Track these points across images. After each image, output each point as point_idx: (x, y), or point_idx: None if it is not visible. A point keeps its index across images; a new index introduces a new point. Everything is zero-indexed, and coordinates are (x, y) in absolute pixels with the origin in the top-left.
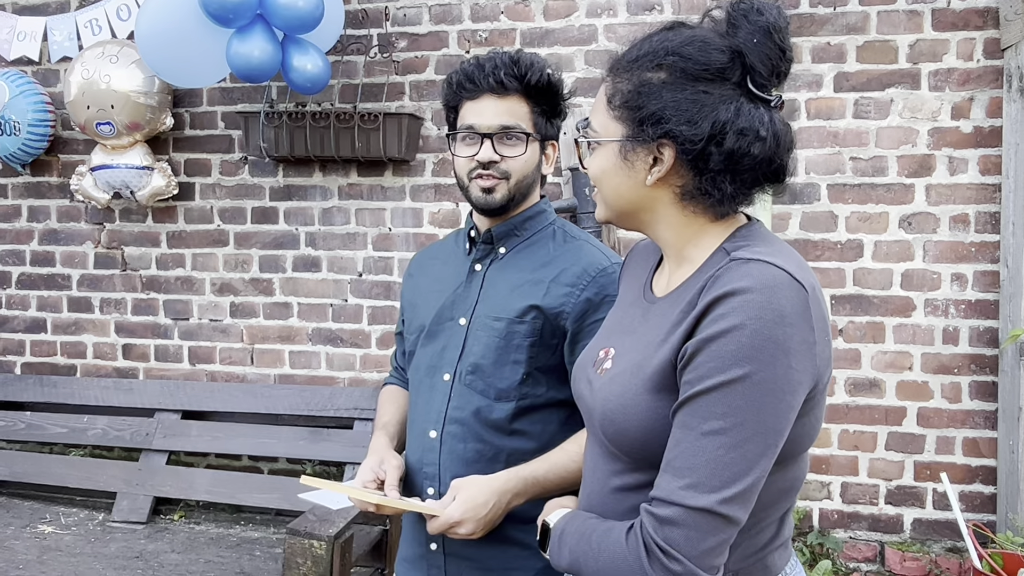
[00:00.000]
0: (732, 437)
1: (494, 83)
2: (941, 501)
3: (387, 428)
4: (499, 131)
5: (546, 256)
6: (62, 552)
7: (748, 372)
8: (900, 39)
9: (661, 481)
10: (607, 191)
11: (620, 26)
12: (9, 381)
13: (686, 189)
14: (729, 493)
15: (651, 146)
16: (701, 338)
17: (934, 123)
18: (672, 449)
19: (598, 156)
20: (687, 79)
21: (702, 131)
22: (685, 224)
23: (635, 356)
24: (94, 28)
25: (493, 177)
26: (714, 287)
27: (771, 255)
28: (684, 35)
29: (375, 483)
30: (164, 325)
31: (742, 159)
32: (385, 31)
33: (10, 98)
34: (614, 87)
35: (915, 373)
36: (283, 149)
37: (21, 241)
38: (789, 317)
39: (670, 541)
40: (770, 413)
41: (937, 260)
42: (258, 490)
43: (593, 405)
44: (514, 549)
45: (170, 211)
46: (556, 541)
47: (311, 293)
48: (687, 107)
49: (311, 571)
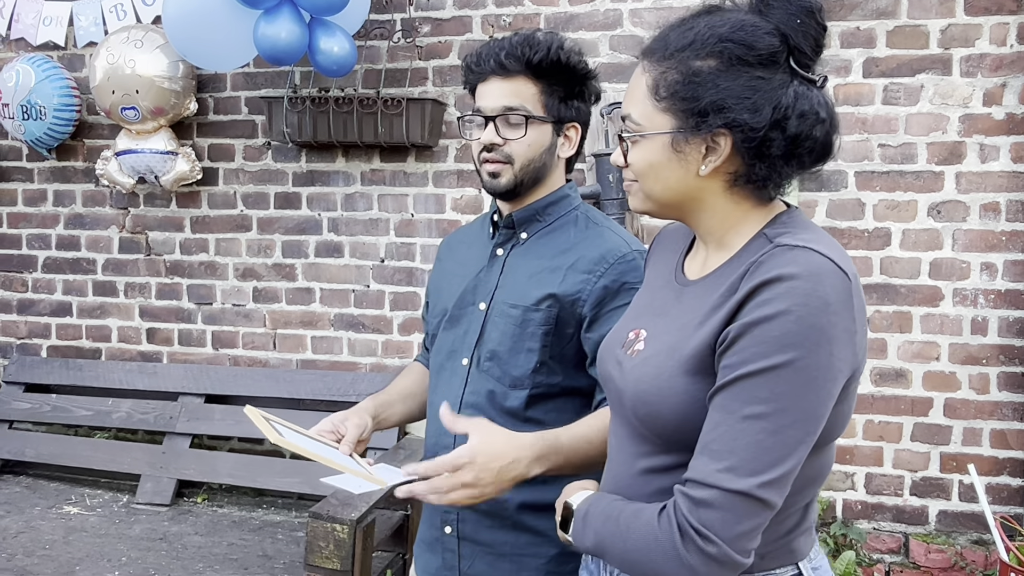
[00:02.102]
0: (773, 422)
1: (495, 65)
2: (967, 493)
3: (380, 395)
4: (501, 112)
5: (566, 242)
6: (87, 533)
7: (792, 358)
8: (931, 24)
9: (697, 463)
10: (653, 184)
11: (646, 11)
12: (35, 364)
13: (737, 176)
14: (768, 477)
15: (706, 136)
16: (745, 322)
17: (965, 109)
18: (710, 432)
19: (643, 149)
20: (742, 65)
21: (764, 118)
22: (730, 211)
23: (670, 338)
24: (119, 13)
25: (498, 161)
26: (758, 272)
27: (815, 242)
28: (731, 20)
29: (332, 435)
30: (188, 309)
31: (804, 142)
32: (408, 16)
33: (36, 83)
34: (657, 77)
35: (942, 363)
36: (306, 134)
37: (47, 225)
38: (833, 305)
39: (705, 523)
40: (811, 400)
41: (967, 249)
42: (280, 474)
43: (624, 386)
44: (527, 535)
45: (194, 196)
46: (580, 522)
47: (333, 279)
48: (747, 94)
49: (333, 555)
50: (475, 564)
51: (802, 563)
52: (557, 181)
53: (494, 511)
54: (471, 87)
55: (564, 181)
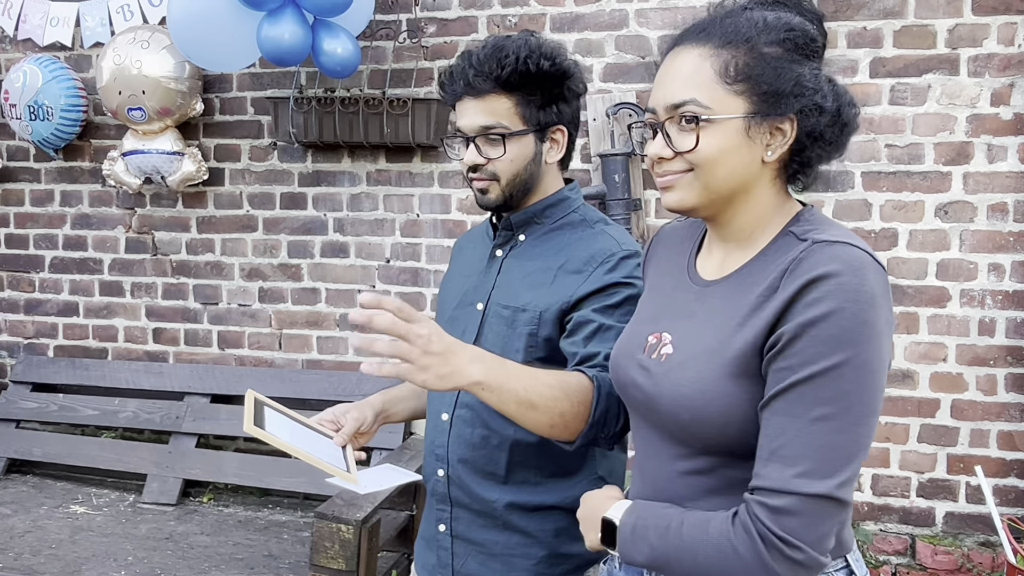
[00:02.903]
0: (842, 421)
1: (464, 86)
2: (974, 495)
3: (391, 390)
4: (480, 132)
5: (560, 244)
6: (93, 532)
7: (851, 356)
8: (939, 23)
9: (769, 471)
10: (719, 171)
11: (651, 11)
12: (42, 364)
13: (784, 164)
14: (844, 477)
15: (775, 121)
16: (798, 323)
17: (973, 110)
18: (776, 437)
19: (714, 135)
20: (802, 55)
21: (832, 105)
22: (768, 204)
23: (704, 341)
24: (126, 14)
25: (484, 179)
26: (800, 270)
27: (850, 238)
28: (784, 13)
29: (332, 425)
30: (194, 309)
31: (851, 131)
32: (414, 16)
33: (43, 83)
34: (727, 60)
35: (949, 365)
36: (312, 135)
37: (54, 225)
38: (878, 299)
39: (789, 530)
40: (871, 394)
41: (974, 250)
42: (286, 474)
43: (657, 391)
44: (517, 536)
45: (200, 196)
46: (628, 536)
47: (339, 279)
48: (816, 81)
49: (338, 554)
50: (467, 563)
51: (849, 556)
52: (552, 184)
53: (485, 511)
54: (451, 103)
55: (561, 183)
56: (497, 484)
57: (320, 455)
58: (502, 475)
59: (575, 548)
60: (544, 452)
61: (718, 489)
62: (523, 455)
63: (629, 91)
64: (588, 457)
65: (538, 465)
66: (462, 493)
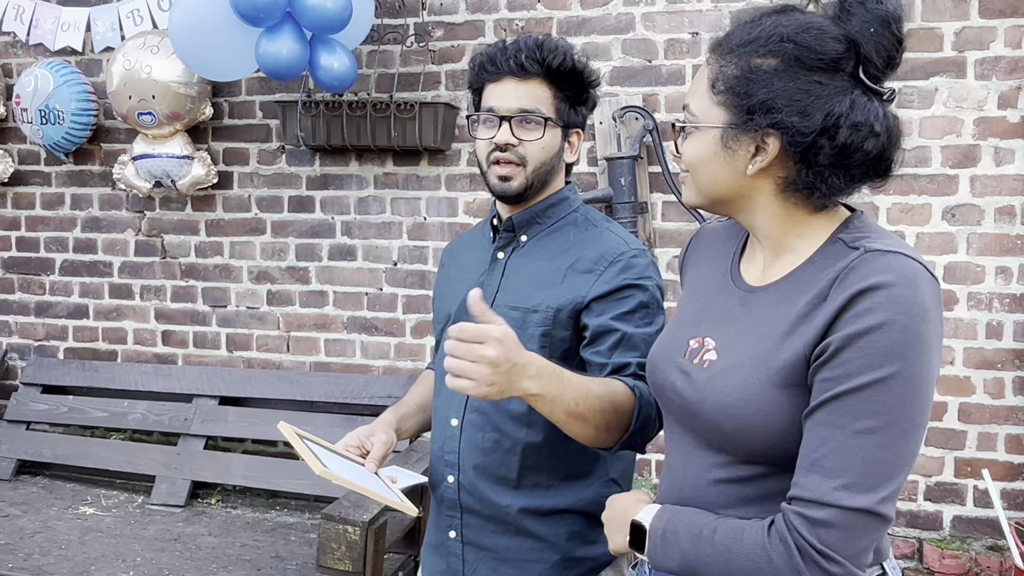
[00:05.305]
0: (886, 435)
1: (514, 66)
2: (982, 498)
3: (400, 407)
4: (518, 114)
5: (566, 244)
6: (102, 533)
7: (899, 369)
8: (945, 26)
9: (809, 481)
10: (703, 177)
11: (658, 14)
12: (52, 366)
13: (788, 180)
14: (886, 492)
15: (755, 135)
16: (847, 333)
17: (980, 112)
18: (818, 448)
19: (695, 141)
20: (801, 68)
21: (814, 123)
22: (785, 215)
23: (749, 348)
24: (136, 19)
25: (511, 163)
26: (851, 279)
27: (904, 247)
28: (799, 21)
29: (358, 450)
30: (202, 312)
31: (854, 154)
32: (421, 20)
33: (54, 88)
34: (718, 70)
35: (956, 368)
36: (320, 138)
37: (64, 228)
38: (930, 312)
39: (827, 543)
40: (918, 409)
41: (981, 253)
42: (293, 476)
43: (699, 398)
44: (530, 541)
45: (209, 200)
46: (658, 541)
47: (346, 282)
48: (799, 97)
49: (345, 556)
50: (479, 569)
51: (886, 563)
52: (559, 184)
53: (497, 516)
54: (478, 86)
55: (564, 184)
56: (509, 489)
57: (382, 492)
58: (514, 479)
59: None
60: (555, 455)
61: (754, 499)
62: (535, 459)
63: (635, 94)
64: (600, 460)
65: (550, 468)
66: (473, 499)
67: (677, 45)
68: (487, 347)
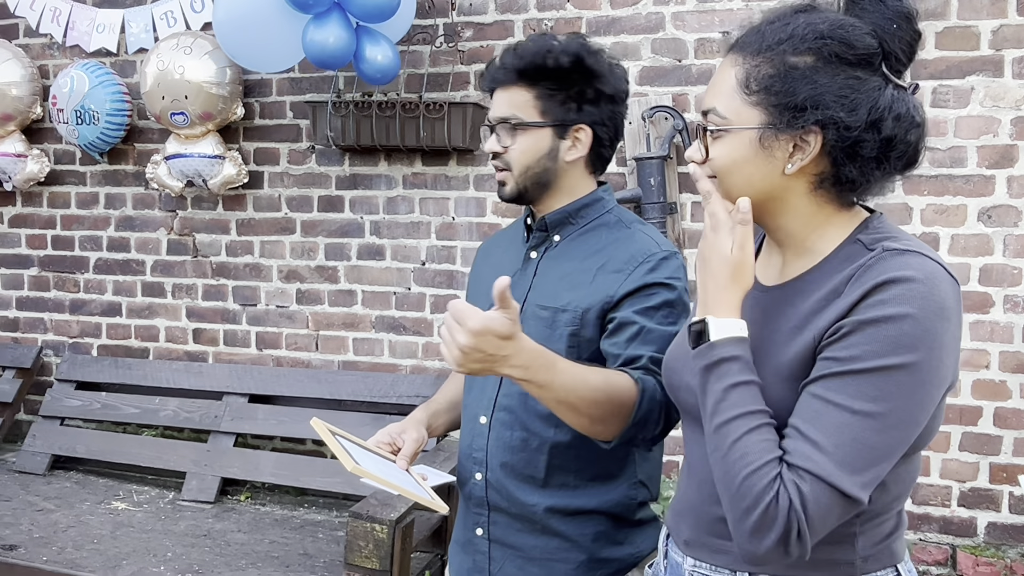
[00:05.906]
0: (880, 422)
1: (491, 78)
2: (1017, 505)
3: (431, 404)
4: (497, 122)
5: (597, 244)
6: (134, 528)
7: (907, 361)
8: (982, 24)
9: (803, 448)
10: (736, 180)
11: (688, 14)
12: (86, 363)
13: (823, 177)
14: (867, 476)
15: (795, 133)
16: (860, 319)
17: (1017, 112)
18: (812, 420)
19: (727, 144)
20: (840, 64)
21: (860, 118)
22: (813, 214)
23: (763, 346)
24: (169, 20)
25: (501, 169)
26: (869, 275)
27: (923, 247)
28: (831, 18)
29: (389, 447)
30: (233, 310)
31: (897, 146)
32: (451, 20)
33: (89, 88)
34: (749, 70)
35: (992, 372)
36: (349, 138)
37: (99, 227)
38: (947, 311)
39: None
40: (917, 405)
41: (1018, 255)
42: (321, 474)
43: None
44: (556, 540)
45: (240, 199)
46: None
47: (375, 281)
48: (844, 92)
49: (372, 554)
50: (505, 567)
51: (900, 565)
52: (581, 184)
53: (524, 515)
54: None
55: (593, 184)
56: (536, 488)
57: (415, 490)
58: (541, 478)
59: (615, 552)
60: (583, 455)
61: None
62: (562, 458)
63: (665, 94)
64: (628, 461)
65: (577, 469)
66: (500, 497)
67: (707, 44)
68: (459, 333)
